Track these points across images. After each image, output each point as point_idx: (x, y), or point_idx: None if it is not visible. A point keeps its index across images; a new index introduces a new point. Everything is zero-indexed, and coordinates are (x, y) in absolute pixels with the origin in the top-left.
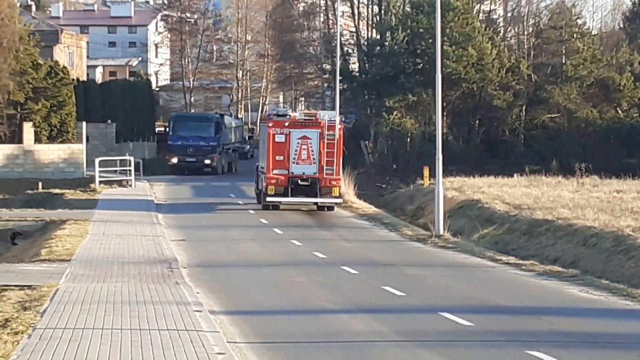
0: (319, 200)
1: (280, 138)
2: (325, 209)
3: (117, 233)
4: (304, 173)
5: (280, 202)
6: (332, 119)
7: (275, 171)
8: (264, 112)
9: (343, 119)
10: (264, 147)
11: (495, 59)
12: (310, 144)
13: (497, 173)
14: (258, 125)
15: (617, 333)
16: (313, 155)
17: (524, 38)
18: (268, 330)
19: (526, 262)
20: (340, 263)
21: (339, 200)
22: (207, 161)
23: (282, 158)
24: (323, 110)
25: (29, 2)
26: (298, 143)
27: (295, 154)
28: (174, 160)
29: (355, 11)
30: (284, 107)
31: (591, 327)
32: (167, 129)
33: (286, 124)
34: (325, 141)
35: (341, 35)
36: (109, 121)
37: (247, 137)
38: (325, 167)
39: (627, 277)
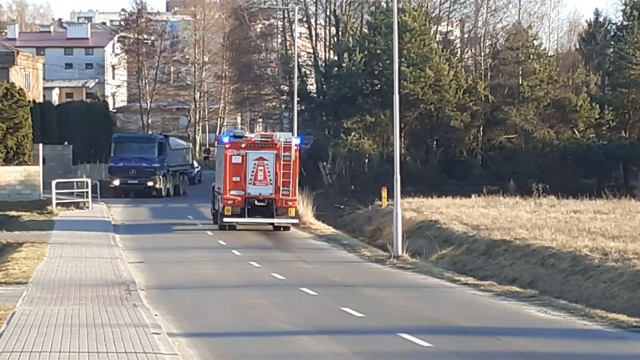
0: (275, 220)
1: (237, 159)
2: (282, 229)
3: (74, 255)
4: (260, 194)
5: (237, 222)
6: (288, 140)
7: (232, 192)
8: (220, 134)
9: (299, 141)
10: (221, 168)
11: (452, 80)
12: (267, 165)
13: (455, 194)
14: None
15: (575, 353)
16: (269, 176)
17: (481, 59)
18: (228, 352)
19: (484, 283)
20: (299, 284)
21: (295, 221)
22: (150, 183)
23: (238, 179)
24: (280, 132)
25: None
26: (255, 164)
27: (252, 175)
28: (116, 182)
29: (313, 32)
30: (241, 128)
31: (550, 348)
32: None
33: (243, 145)
34: (282, 162)
35: (299, 56)
36: (66, 143)
37: (194, 162)
38: (281, 188)
39: (585, 297)
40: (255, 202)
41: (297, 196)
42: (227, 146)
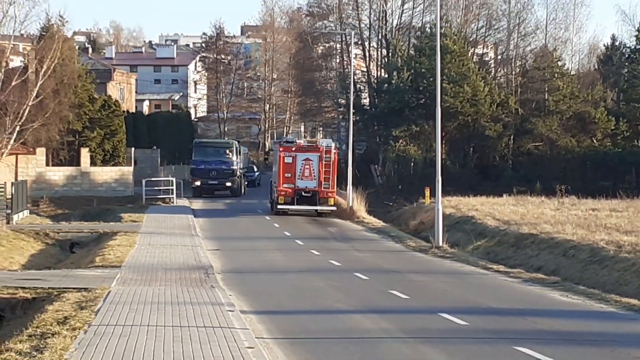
0: (318, 207)
1: (288, 160)
2: (324, 215)
3: (161, 243)
4: (306, 187)
5: (288, 209)
6: (328, 145)
7: (284, 185)
8: (276, 140)
9: (337, 145)
10: (276, 167)
11: (487, 95)
12: (312, 164)
13: (488, 193)
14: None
15: (592, 332)
16: (314, 173)
17: (512, 77)
18: (291, 328)
19: (514, 270)
20: (353, 270)
21: (333, 208)
22: (228, 183)
23: (290, 175)
24: (322, 138)
25: (86, 45)
26: (302, 164)
27: (300, 172)
28: (197, 182)
29: (367, 54)
30: (304, 135)
31: (570, 327)
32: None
33: (293, 149)
34: (323, 162)
35: (354, 74)
36: (154, 147)
37: (253, 167)
38: (323, 182)
39: (601, 284)
40: (303, 193)
41: (335, 189)
42: (280, 149)
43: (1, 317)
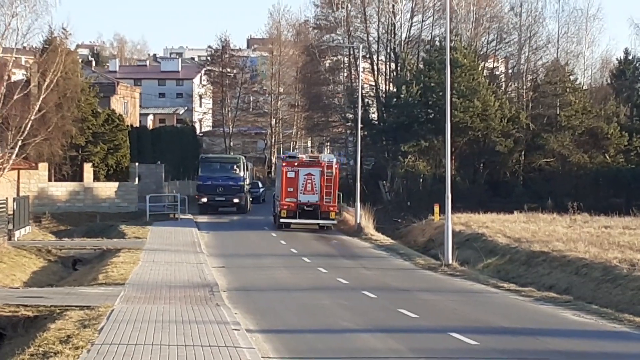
0: (319, 221)
1: (291, 174)
2: (325, 228)
3: (165, 260)
4: (308, 201)
5: (290, 222)
6: (330, 160)
7: (287, 199)
8: (279, 155)
9: (339, 160)
10: (279, 181)
11: (497, 110)
12: (314, 179)
13: (499, 210)
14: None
15: (605, 352)
16: (315, 187)
17: (523, 92)
18: (298, 347)
19: (525, 289)
20: (361, 288)
21: (334, 222)
22: (236, 200)
23: (292, 189)
24: (323, 154)
25: (90, 58)
26: (304, 178)
27: (302, 187)
28: (204, 199)
29: (375, 67)
30: (311, 151)
31: (583, 347)
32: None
33: (295, 163)
34: (325, 177)
35: (362, 88)
36: (159, 162)
37: (258, 183)
38: (324, 197)
39: (615, 303)
40: (305, 207)
41: (336, 203)
42: (283, 164)
43: (2, 335)
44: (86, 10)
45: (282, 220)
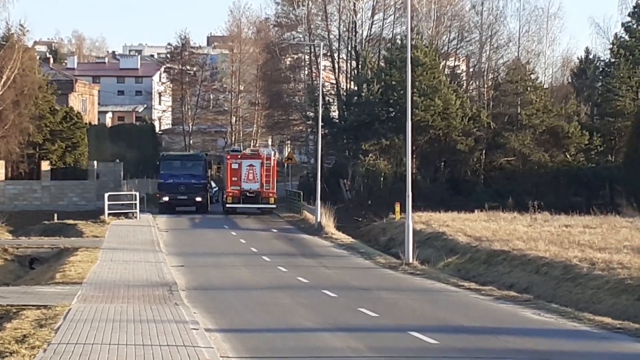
0: (260, 206)
1: (235, 166)
2: (266, 213)
3: (123, 259)
4: (250, 188)
5: (236, 207)
6: (268, 153)
7: (232, 187)
8: (225, 150)
9: (276, 152)
10: (224, 172)
11: (458, 108)
12: (255, 169)
13: (460, 209)
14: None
15: (565, 351)
16: (257, 177)
17: (484, 90)
18: (257, 346)
19: (485, 288)
20: (321, 287)
21: (273, 206)
22: (198, 198)
23: (236, 179)
24: (262, 147)
25: (48, 55)
26: (247, 169)
27: (245, 176)
28: (165, 198)
29: (336, 65)
30: (272, 148)
31: (543, 346)
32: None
33: (239, 156)
34: (265, 167)
35: (323, 86)
36: (117, 160)
37: (212, 182)
38: (264, 184)
39: (574, 302)
40: (247, 194)
41: (275, 190)
42: (228, 157)
43: None
44: (44, 6)
45: (228, 205)
